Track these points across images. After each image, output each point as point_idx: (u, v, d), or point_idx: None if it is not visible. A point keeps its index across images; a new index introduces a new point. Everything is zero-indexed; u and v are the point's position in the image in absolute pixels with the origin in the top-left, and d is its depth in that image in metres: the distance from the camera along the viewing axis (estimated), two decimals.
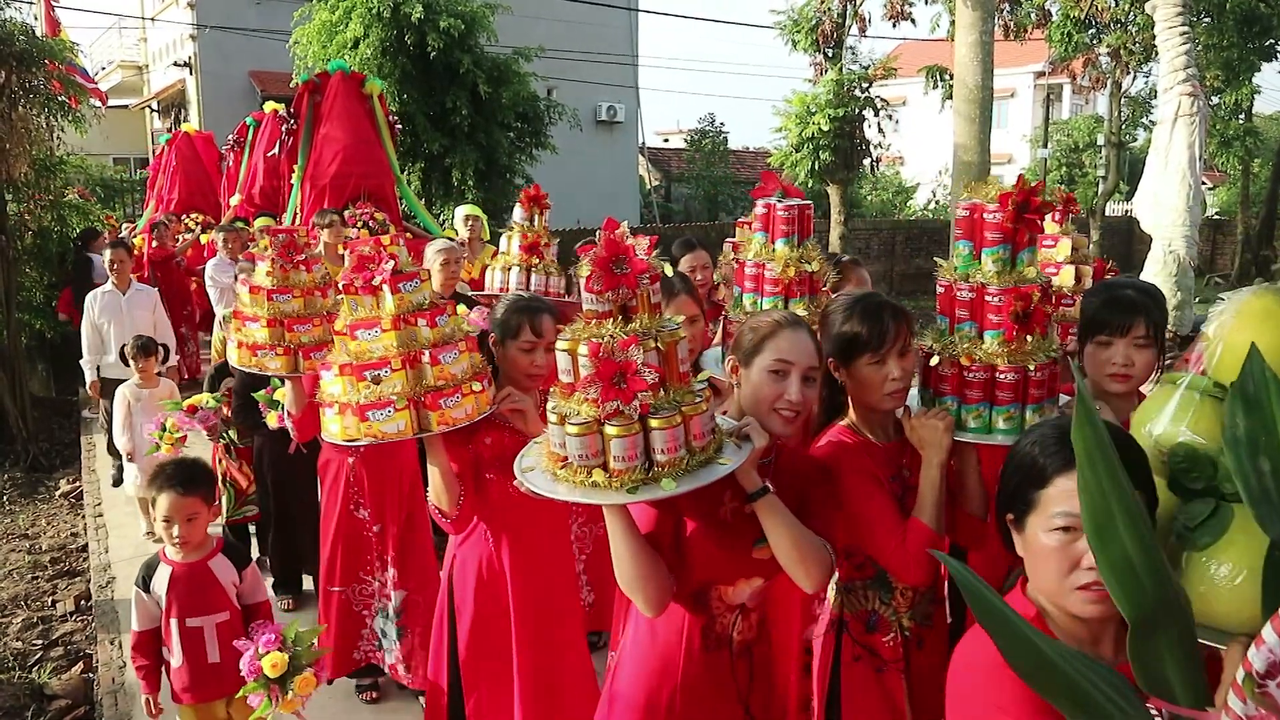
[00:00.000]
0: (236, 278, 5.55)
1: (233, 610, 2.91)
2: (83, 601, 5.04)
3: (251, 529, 5.09)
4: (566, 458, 1.78)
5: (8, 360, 7.69)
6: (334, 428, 2.39)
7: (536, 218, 4.25)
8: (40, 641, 4.63)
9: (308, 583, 4.62)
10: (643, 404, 1.70)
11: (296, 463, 4.27)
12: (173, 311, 6.81)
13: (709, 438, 1.79)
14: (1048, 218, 3.55)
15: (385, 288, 2.41)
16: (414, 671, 3.60)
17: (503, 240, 4.28)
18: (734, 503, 1.90)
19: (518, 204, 4.28)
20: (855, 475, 2.10)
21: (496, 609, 2.66)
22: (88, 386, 6.58)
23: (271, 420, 4.15)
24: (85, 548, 5.83)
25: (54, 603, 5.08)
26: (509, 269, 4.22)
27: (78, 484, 7.02)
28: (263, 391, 4.21)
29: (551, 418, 1.80)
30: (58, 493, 6.94)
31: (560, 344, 1.82)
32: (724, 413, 1.98)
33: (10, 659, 4.42)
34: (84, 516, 6.36)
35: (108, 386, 6.24)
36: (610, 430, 1.71)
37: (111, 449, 6.51)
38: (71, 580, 5.39)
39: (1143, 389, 2.36)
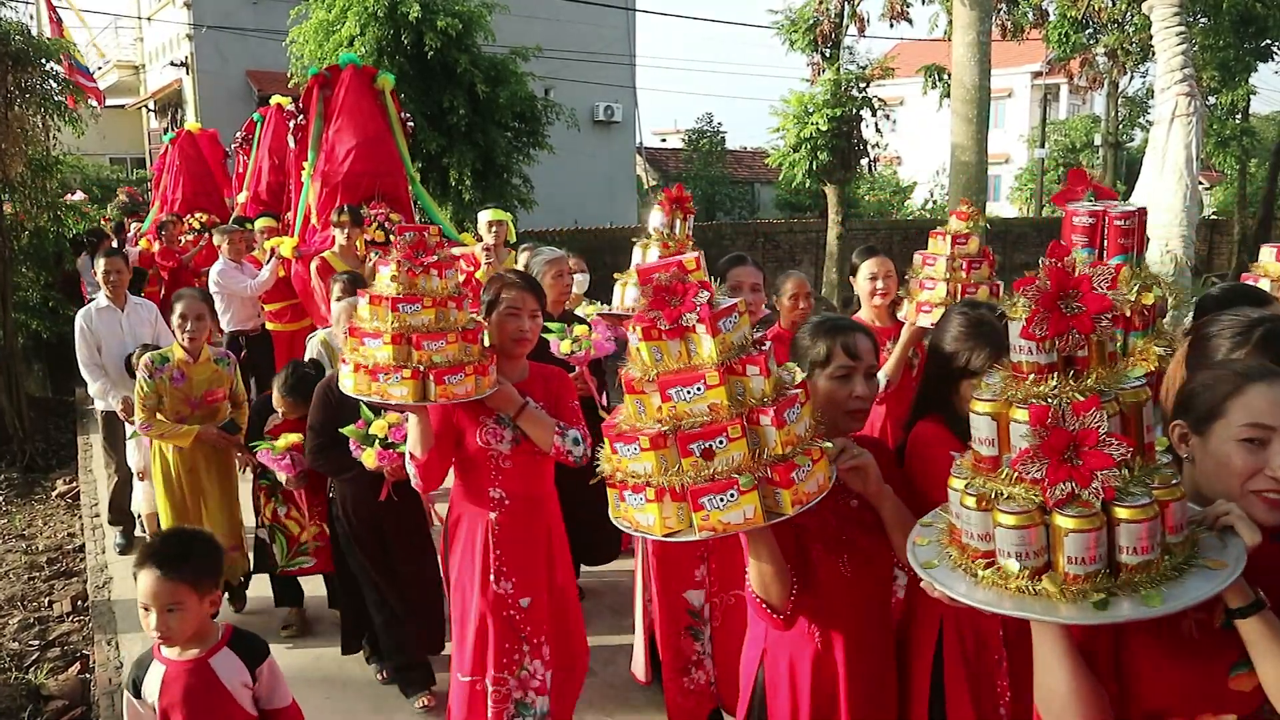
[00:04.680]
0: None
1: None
2: (79, 602, 5.03)
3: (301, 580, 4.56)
4: (991, 553, 1.39)
5: (4, 360, 7.67)
6: (647, 519, 1.78)
7: (679, 224, 3.60)
8: (37, 642, 4.61)
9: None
10: (1107, 487, 1.32)
11: (385, 513, 3.70)
12: None
13: (1184, 531, 1.38)
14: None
15: (701, 327, 1.78)
16: None
17: (636, 251, 3.60)
18: (1202, 613, 1.45)
19: (656, 208, 3.64)
20: None
21: (830, 714, 2.10)
22: (119, 410, 5.24)
23: (369, 459, 3.46)
24: (82, 548, 5.82)
25: (51, 603, 5.07)
26: None
27: (74, 484, 7.01)
28: (353, 426, 3.51)
29: (968, 500, 1.43)
30: (54, 493, 6.93)
31: (981, 406, 1.45)
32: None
33: (7, 660, 4.41)
34: (80, 517, 6.35)
35: (107, 420, 5.58)
36: (1064, 522, 1.32)
37: (114, 506, 5.70)
38: (68, 581, 5.37)
39: None
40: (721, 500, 1.72)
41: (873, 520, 2.03)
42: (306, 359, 4.60)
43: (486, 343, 2.87)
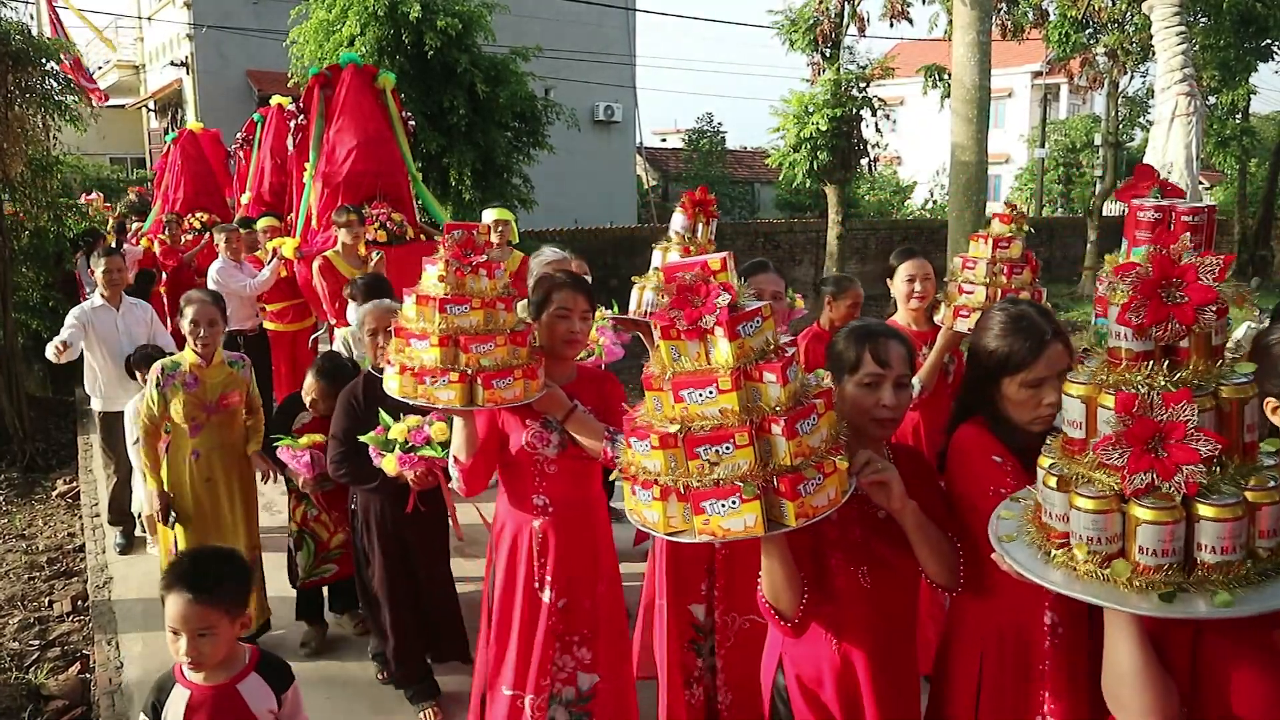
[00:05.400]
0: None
1: None
2: (80, 602, 5.03)
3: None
4: (1067, 535, 1.39)
5: (4, 360, 7.66)
6: (653, 516, 1.80)
7: (702, 227, 3.46)
8: (37, 642, 4.61)
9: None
10: (1190, 482, 1.28)
11: (408, 524, 3.59)
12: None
13: (1279, 537, 1.32)
14: None
15: (719, 330, 1.76)
16: None
17: (656, 254, 3.51)
18: None
19: (678, 210, 3.50)
20: None
21: None
22: (56, 349, 5.13)
23: (389, 465, 3.36)
24: (82, 548, 5.82)
25: (51, 603, 5.07)
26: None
27: (74, 484, 7.01)
28: (373, 433, 3.41)
29: (1050, 481, 1.43)
30: (54, 493, 6.93)
31: (1073, 388, 1.43)
32: None
33: (7, 659, 4.41)
34: (80, 517, 6.35)
35: (105, 421, 5.58)
36: (1140, 512, 1.31)
37: (114, 507, 5.67)
38: (68, 580, 5.37)
39: None
40: (722, 506, 1.70)
41: (900, 532, 1.98)
42: (340, 351, 4.54)
43: (535, 343, 2.78)
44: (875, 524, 2.03)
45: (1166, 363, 1.35)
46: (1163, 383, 1.32)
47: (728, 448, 1.70)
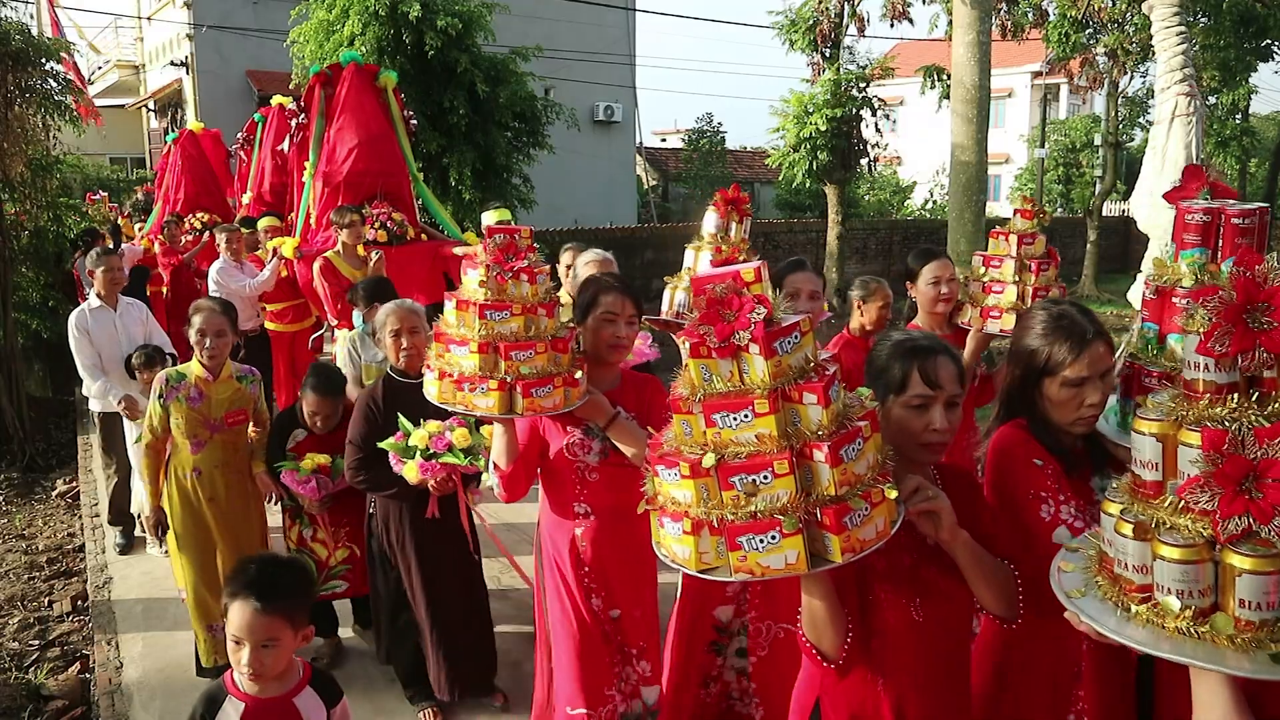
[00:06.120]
0: None
1: None
2: (79, 602, 5.03)
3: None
4: (1148, 586, 1.27)
5: (4, 360, 7.67)
6: (683, 551, 1.64)
7: (735, 226, 3.31)
8: (37, 642, 4.62)
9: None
10: None
11: (428, 531, 3.52)
12: (184, 318, 6.39)
13: None
14: None
15: (754, 347, 1.60)
16: None
17: (688, 253, 3.38)
18: None
19: (710, 209, 3.35)
20: None
21: None
22: (122, 409, 5.17)
23: (410, 473, 3.28)
24: (82, 548, 5.82)
25: (51, 603, 5.07)
26: None
27: (74, 484, 7.01)
28: (392, 439, 3.34)
29: (1124, 528, 1.31)
30: (54, 493, 6.93)
31: (1145, 426, 1.31)
32: None
33: (7, 659, 4.41)
34: (80, 517, 6.35)
35: (104, 422, 5.60)
36: (1238, 561, 1.19)
37: (114, 507, 5.67)
38: (68, 580, 5.38)
39: None
40: (761, 542, 1.54)
41: (954, 560, 1.82)
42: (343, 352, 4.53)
43: (579, 347, 2.72)
44: (926, 551, 1.86)
45: (1255, 395, 1.23)
46: (1254, 417, 1.20)
47: (766, 477, 1.54)
